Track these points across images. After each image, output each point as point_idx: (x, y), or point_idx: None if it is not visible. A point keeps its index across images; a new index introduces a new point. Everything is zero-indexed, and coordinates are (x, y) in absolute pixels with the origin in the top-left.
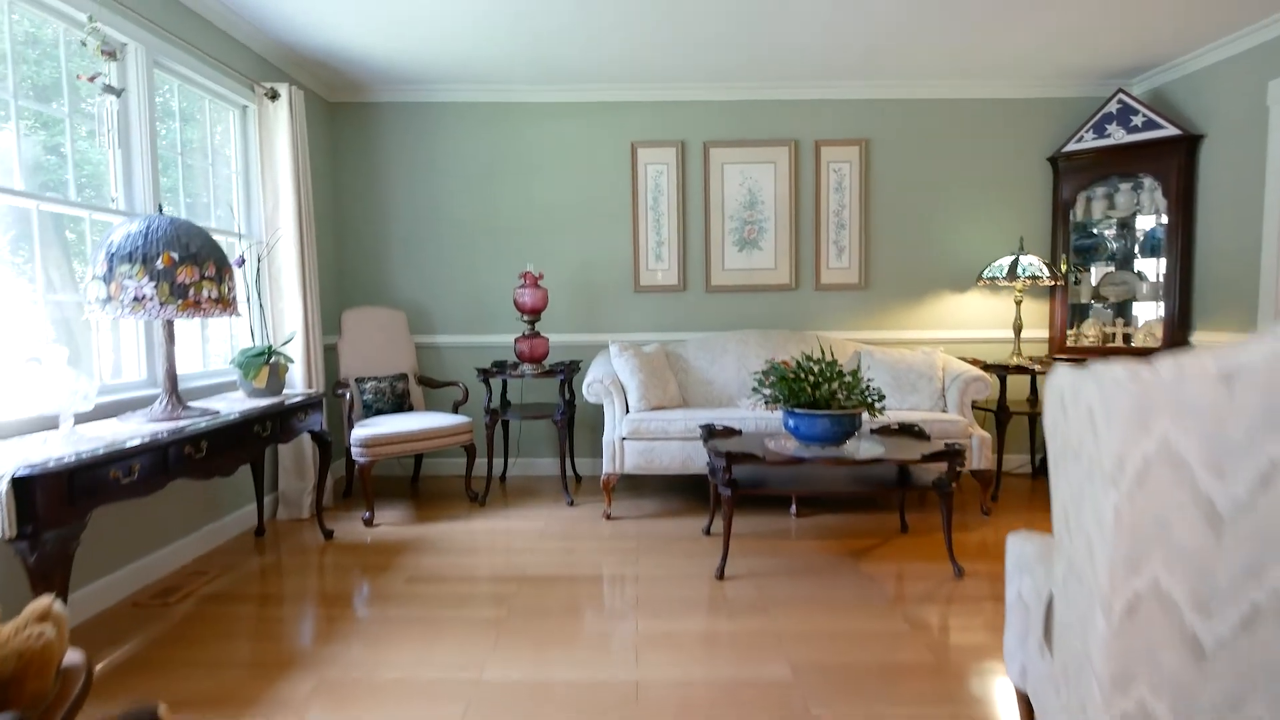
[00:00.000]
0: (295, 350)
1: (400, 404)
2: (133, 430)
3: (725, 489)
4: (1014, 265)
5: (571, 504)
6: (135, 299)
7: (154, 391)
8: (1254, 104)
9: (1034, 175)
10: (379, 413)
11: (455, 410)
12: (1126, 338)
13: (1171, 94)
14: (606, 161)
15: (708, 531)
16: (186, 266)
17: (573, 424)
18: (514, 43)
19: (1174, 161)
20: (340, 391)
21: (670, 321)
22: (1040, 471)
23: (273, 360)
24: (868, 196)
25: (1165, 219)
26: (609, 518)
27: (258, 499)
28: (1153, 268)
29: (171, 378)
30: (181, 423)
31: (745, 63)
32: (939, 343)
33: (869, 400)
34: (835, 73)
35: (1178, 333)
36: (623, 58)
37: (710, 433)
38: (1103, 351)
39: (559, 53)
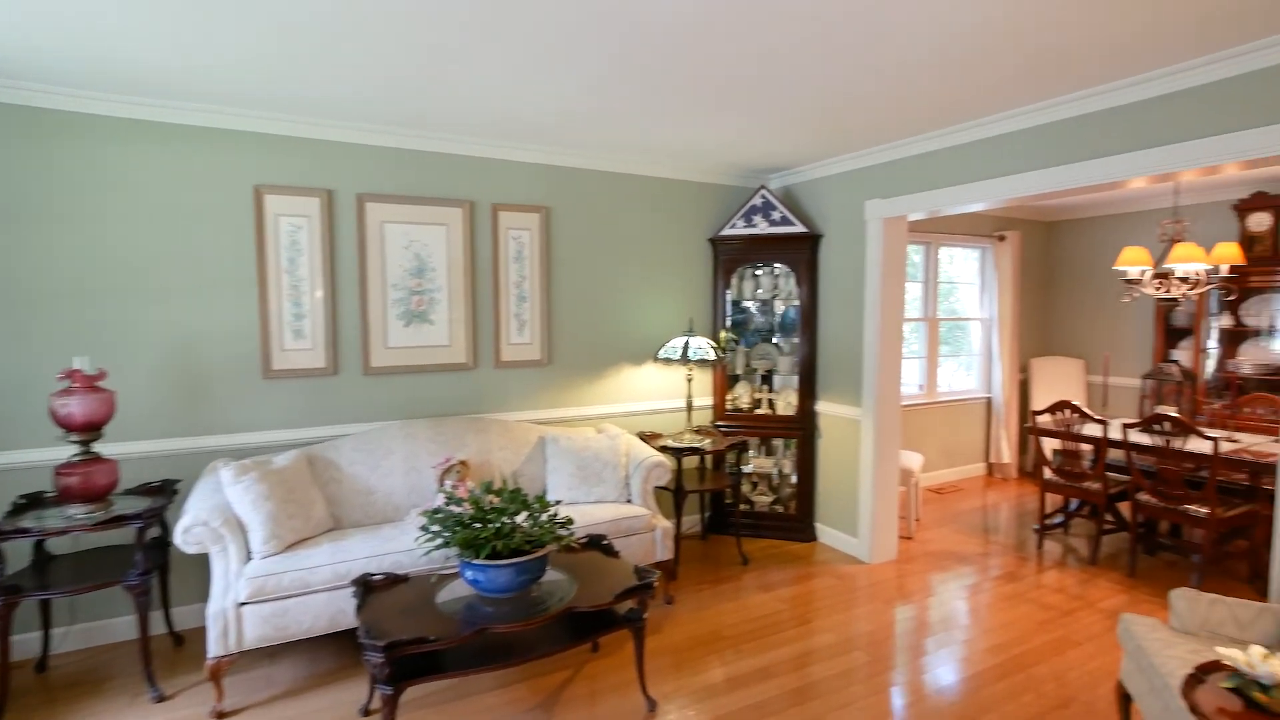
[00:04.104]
0: None
1: None
2: None
3: (385, 687)
4: (685, 348)
5: (160, 699)
6: None
7: None
8: (856, 216)
9: (700, 254)
10: None
11: None
12: (771, 403)
13: (799, 194)
14: (219, 208)
15: (366, 712)
16: None
17: (166, 579)
18: (60, 31)
19: (803, 254)
20: None
21: (318, 413)
22: (709, 530)
23: None
24: (550, 267)
25: (798, 302)
26: (221, 716)
27: None
28: (789, 343)
29: None
30: None
31: (412, 108)
32: (619, 416)
33: (556, 530)
34: (516, 134)
35: (807, 401)
36: (239, 73)
37: (366, 587)
38: (753, 416)
39: (137, 54)
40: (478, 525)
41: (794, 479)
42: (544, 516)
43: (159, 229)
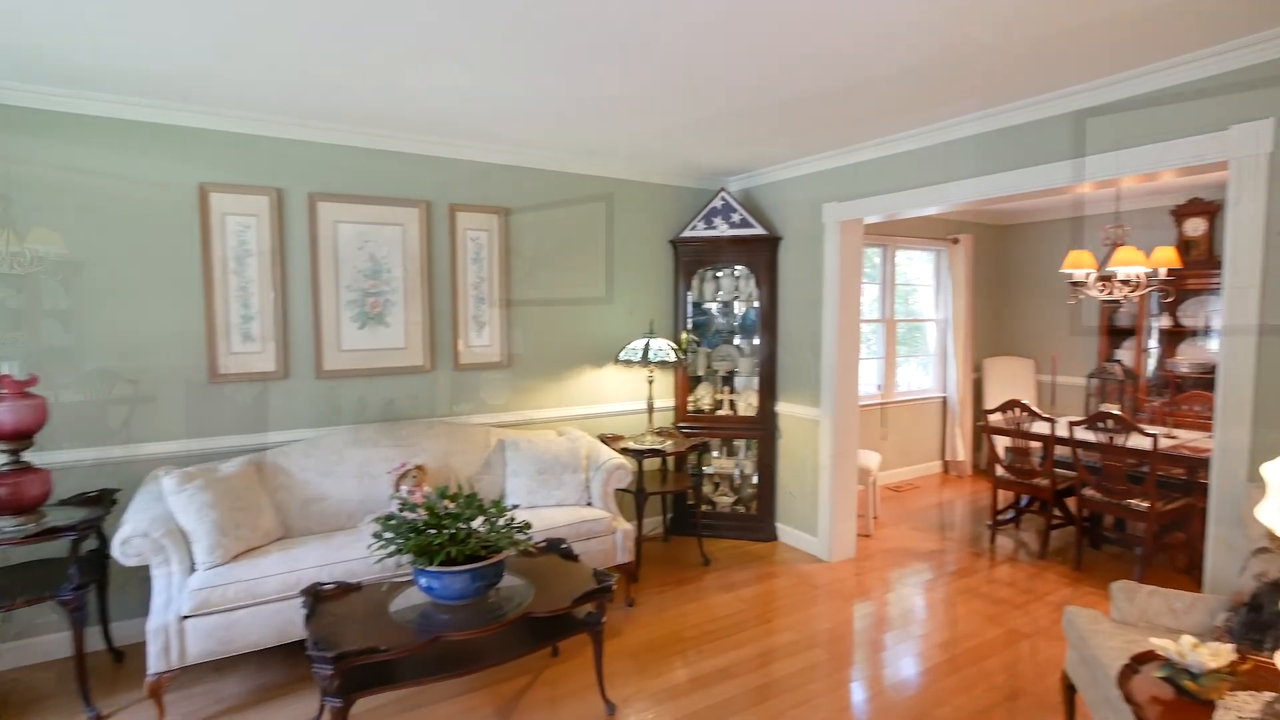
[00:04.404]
0: None
1: None
2: None
3: (334, 699)
4: (646, 349)
5: (97, 718)
6: None
7: None
8: (814, 219)
9: (661, 255)
10: None
11: None
12: (732, 404)
13: (758, 197)
14: (162, 207)
15: None
16: None
17: (105, 593)
18: None
19: (762, 256)
20: None
21: (268, 418)
22: (671, 531)
23: None
24: (509, 268)
25: (758, 304)
26: None
27: None
28: (749, 344)
29: None
30: None
31: (368, 107)
32: (581, 419)
33: (513, 535)
34: (475, 134)
35: (767, 402)
36: (182, 66)
37: (316, 597)
38: (714, 417)
39: (70, 42)
40: (432, 531)
41: (755, 479)
42: (501, 521)
43: (97, 227)
